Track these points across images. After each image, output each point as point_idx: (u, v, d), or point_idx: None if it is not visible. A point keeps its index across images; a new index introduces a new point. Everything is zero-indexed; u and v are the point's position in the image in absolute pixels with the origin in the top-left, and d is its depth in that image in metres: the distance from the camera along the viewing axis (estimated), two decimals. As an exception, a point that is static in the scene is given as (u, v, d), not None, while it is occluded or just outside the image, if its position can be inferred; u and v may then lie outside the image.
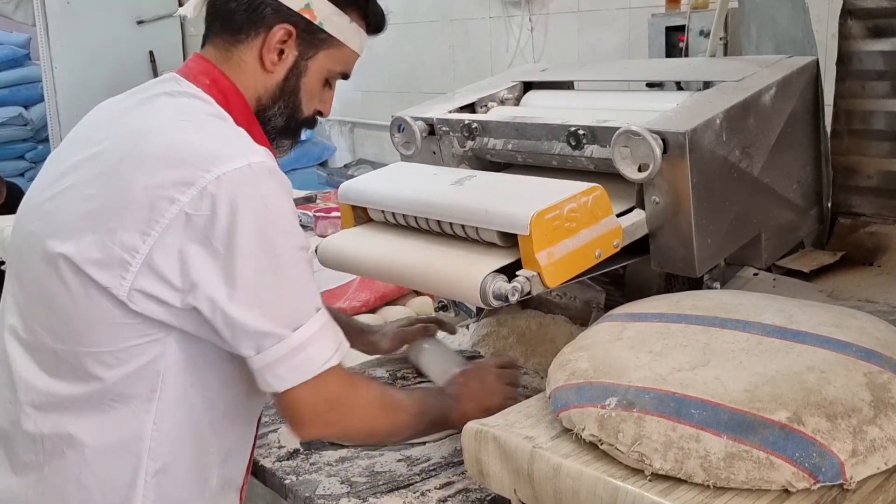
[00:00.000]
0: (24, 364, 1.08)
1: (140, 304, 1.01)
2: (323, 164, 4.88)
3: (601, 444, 0.98)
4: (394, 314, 2.14)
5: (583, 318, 1.62)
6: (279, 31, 1.15)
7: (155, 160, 1.01)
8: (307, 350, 1.02)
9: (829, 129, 1.67)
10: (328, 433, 1.18)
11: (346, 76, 1.25)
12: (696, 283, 1.48)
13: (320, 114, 1.26)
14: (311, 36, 1.18)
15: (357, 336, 1.52)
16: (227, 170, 0.99)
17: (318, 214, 3.06)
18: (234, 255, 0.98)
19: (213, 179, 0.98)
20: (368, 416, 1.13)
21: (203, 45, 1.21)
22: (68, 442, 1.06)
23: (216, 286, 0.99)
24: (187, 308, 1.01)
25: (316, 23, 1.17)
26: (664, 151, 1.25)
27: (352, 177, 4.33)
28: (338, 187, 1.58)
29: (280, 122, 1.21)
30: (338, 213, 2.78)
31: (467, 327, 1.80)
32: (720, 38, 2.44)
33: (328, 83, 1.25)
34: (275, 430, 1.41)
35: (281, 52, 1.16)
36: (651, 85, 1.94)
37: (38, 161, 5.77)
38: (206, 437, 1.12)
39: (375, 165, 4.54)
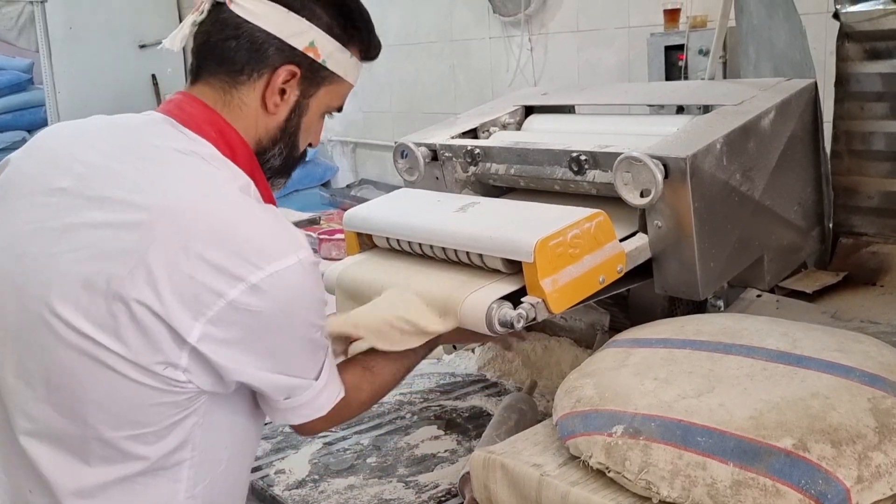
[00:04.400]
0: (52, 462, 1.03)
1: (196, 378, 1.00)
2: (325, 185, 4.89)
3: (608, 471, 0.98)
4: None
5: (587, 341, 1.63)
6: (283, 72, 1.09)
7: (202, 245, 0.97)
8: (325, 391, 1.11)
9: (828, 149, 1.68)
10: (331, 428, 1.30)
11: (340, 109, 1.22)
12: (699, 305, 1.49)
13: (310, 146, 1.23)
14: (313, 74, 1.13)
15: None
16: (280, 268, 0.98)
17: (321, 237, 3.08)
18: (277, 342, 1.02)
19: (266, 276, 0.97)
20: (363, 407, 1.24)
21: (193, 81, 1.13)
22: None
23: (260, 364, 1.02)
24: (231, 382, 1.03)
25: (319, 61, 1.12)
26: (665, 177, 1.26)
27: (354, 197, 4.34)
28: (340, 207, 1.59)
29: (277, 162, 1.17)
30: (341, 235, 2.79)
31: (472, 350, 1.80)
32: (719, 57, 2.45)
33: (321, 116, 1.21)
34: (283, 458, 1.42)
35: (283, 91, 1.11)
36: (652, 105, 1.95)
37: (42, 185, 5.79)
38: (233, 493, 1.13)
39: (378, 185, 4.56)
